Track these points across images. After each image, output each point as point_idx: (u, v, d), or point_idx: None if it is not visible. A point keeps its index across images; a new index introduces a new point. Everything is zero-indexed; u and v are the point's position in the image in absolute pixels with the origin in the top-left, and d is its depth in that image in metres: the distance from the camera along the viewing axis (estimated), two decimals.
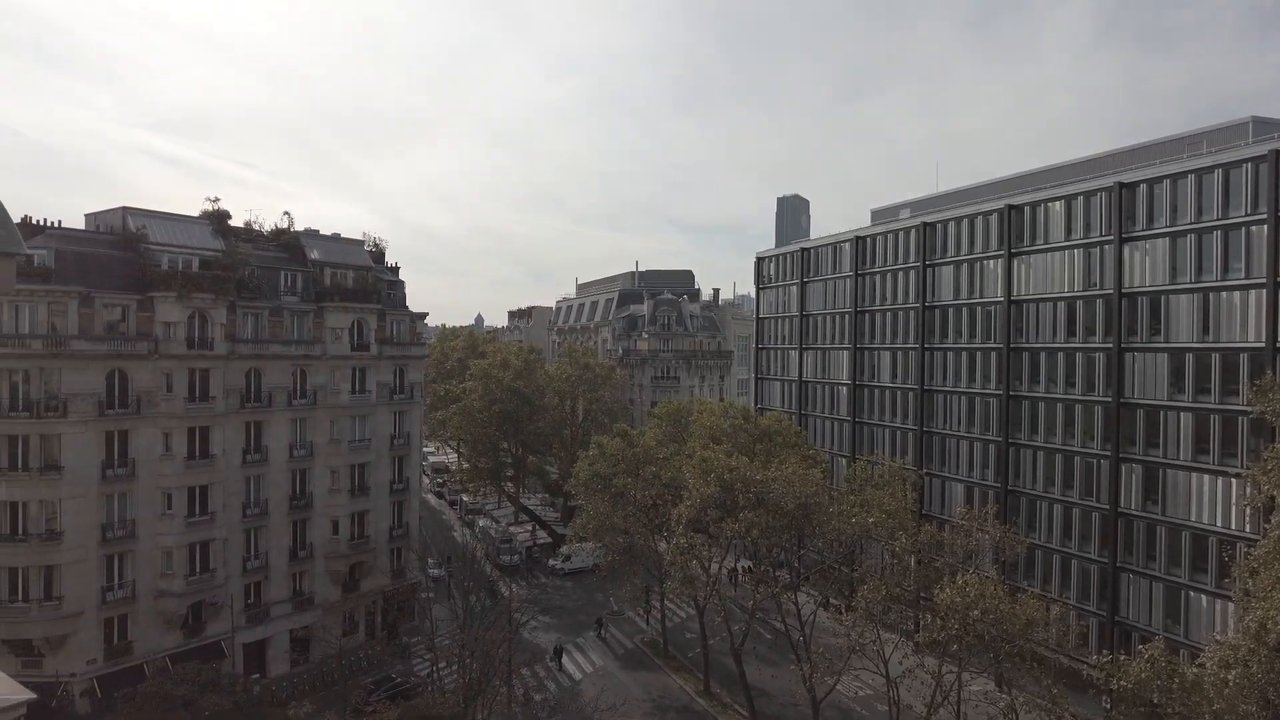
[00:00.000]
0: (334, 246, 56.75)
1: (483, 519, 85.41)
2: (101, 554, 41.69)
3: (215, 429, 45.87)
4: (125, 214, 47.16)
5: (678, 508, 44.04)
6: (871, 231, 68.21)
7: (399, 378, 56.65)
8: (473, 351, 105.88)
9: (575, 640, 56.28)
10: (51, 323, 40.39)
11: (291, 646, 50.09)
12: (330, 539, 52.16)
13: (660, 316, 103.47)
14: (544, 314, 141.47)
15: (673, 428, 66.32)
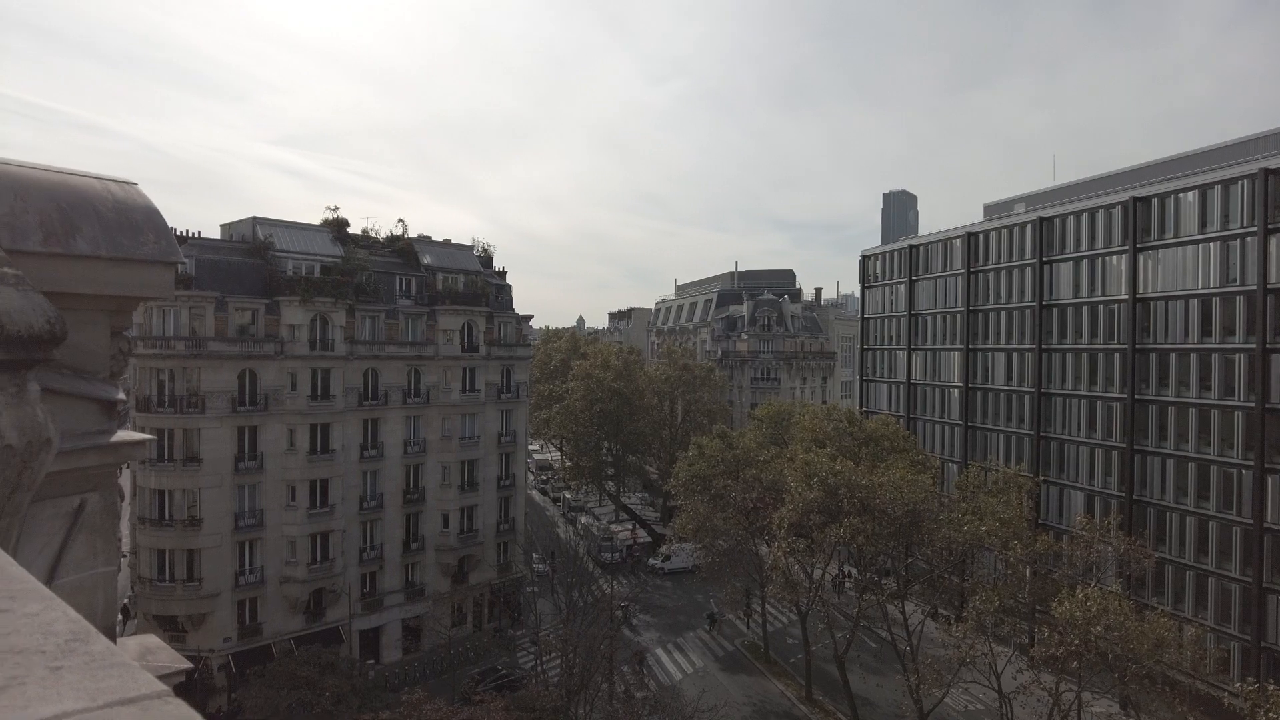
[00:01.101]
0: (445, 252, 58.99)
1: (584, 516, 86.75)
2: (234, 541, 44.77)
3: (335, 425, 48.47)
4: (255, 224, 50.47)
5: (779, 511, 43.53)
6: (984, 227, 65.42)
7: (506, 377, 58.34)
8: (575, 352, 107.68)
9: (675, 640, 56.44)
10: (191, 326, 43.67)
11: (403, 635, 52.36)
12: (441, 532, 54.23)
13: (760, 317, 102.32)
14: (643, 315, 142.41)
15: (773, 430, 65.53)
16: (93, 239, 4.54)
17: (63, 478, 4.12)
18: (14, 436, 3.56)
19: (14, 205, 4.40)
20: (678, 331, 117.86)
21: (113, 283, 4.57)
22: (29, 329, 3.61)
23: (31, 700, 0.96)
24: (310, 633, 46.80)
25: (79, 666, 1.07)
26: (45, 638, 1.18)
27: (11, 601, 1.35)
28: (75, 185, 4.80)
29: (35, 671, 1.05)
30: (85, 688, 1.00)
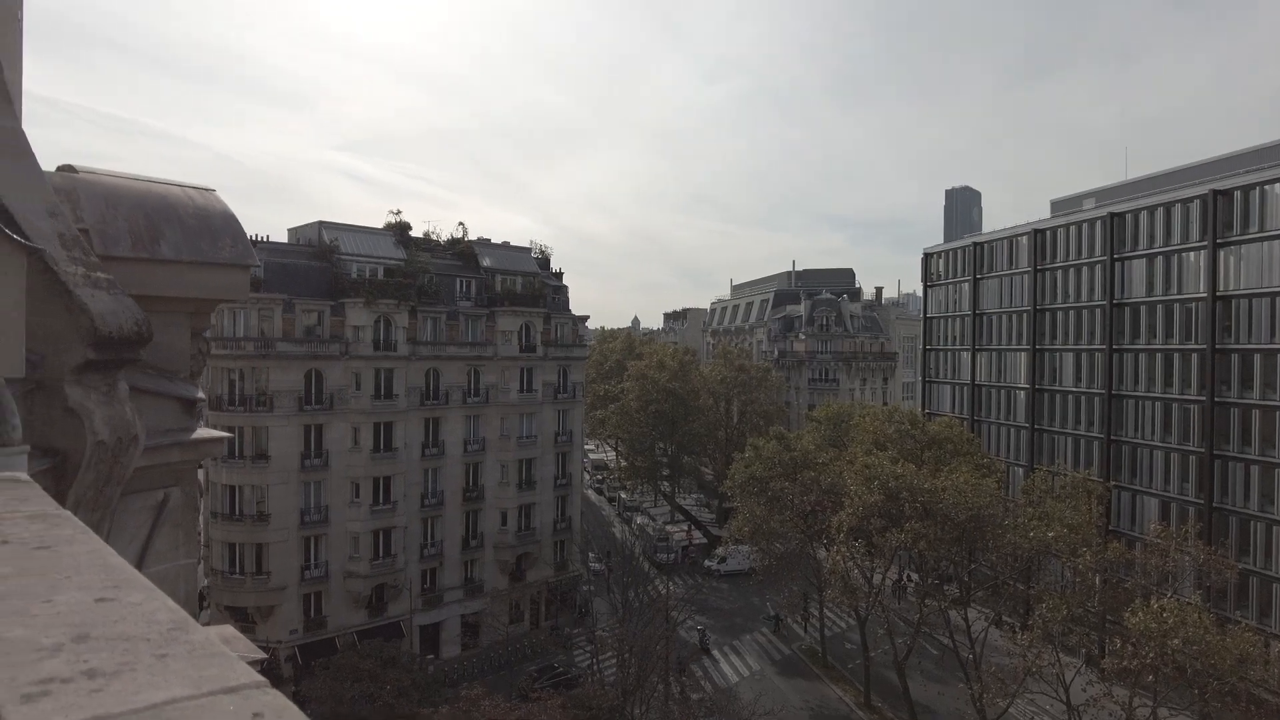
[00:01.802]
0: (504, 254, 59.82)
1: (640, 516, 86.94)
2: (300, 536, 46.13)
3: (398, 424, 49.56)
4: (321, 228, 51.95)
5: (838, 515, 42.92)
6: (1051, 223, 63.45)
7: (562, 377, 58.85)
8: (630, 353, 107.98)
9: (731, 642, 56.14)
10: (260, 327, 45.16)
11: (462, 631, 53.23)
12: (499, 530, 54.97)
13: (818, 317, 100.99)
14: (698, 316, 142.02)
15: (832, 432, 64.62)
16: (175, 244, 4.73)
17: (148, 473, 4.30)
18: (106, 433, 3.73)
19: (105, 213, 4.62)
20: (733, 332, 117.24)
21: (193, 285, 4.76)
22: (119, 331, 3.78)
23: (142, 687, 1.00)
24: (372, 627, 47.91)
25: (182, 655, 1.11)
26: (149, 626, 1.22)
27: (116, 590, 1.41)
28: (159, 193, 5.01)
29: (143, 659, 1.09)
30: (189, 675, 1.04)
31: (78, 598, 1.36)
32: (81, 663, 1.08)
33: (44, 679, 1.01)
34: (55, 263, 3.49)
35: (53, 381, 3.51)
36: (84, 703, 0.95)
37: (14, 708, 0.93)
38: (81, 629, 1.21)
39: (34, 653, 1.11)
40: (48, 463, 3.43)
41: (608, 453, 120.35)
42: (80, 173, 4.87)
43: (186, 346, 4.82)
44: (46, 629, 1.20)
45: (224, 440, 4.86)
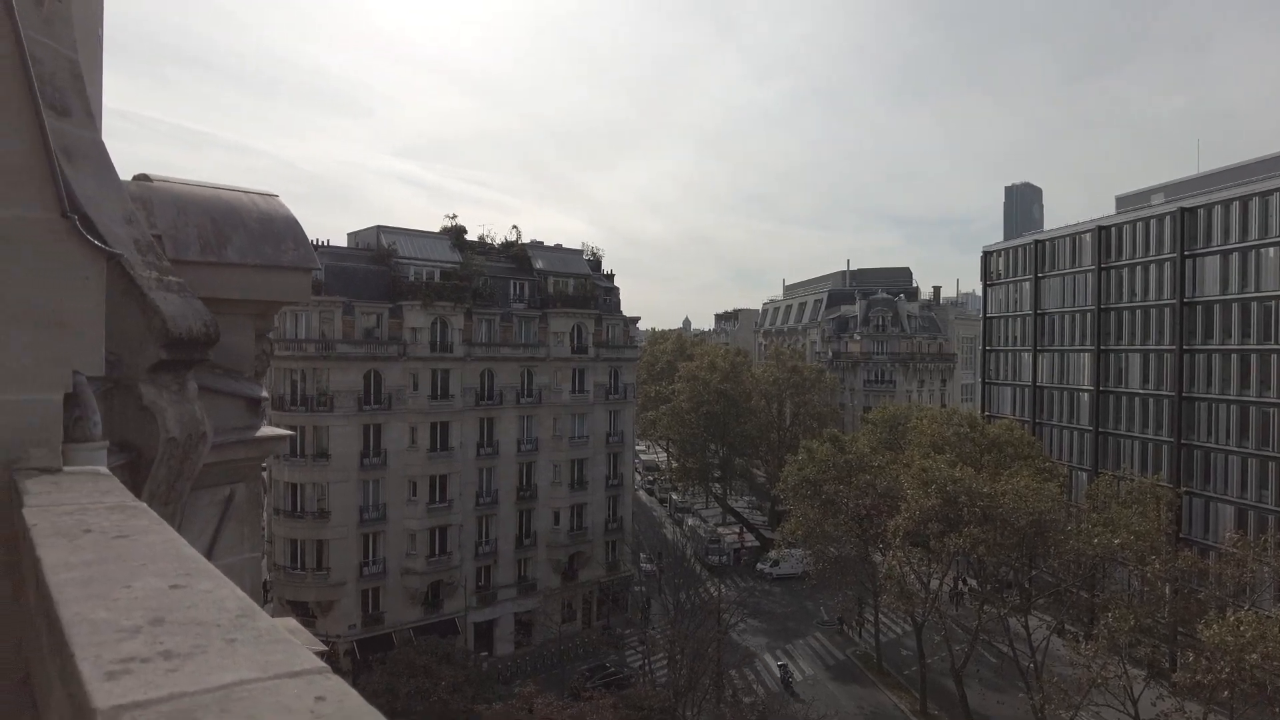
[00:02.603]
0: (556, 256, 60.41)
1: (691, 518, 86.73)
2: (359, 533, 47.24)
3: (454, 424, 50.42)
4: (379, 232, 53.18)
5: (894, 519, 42.21)
6: (1117, 220, 61.39)
7: (614, 378, 59.14)
8: (681, 354, 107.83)
9: (784, 646, 55.64)
10: (321, 329, 46.41)
11: (516, 629, 53.85)
12: (552, 529, 55.48)
13: (874, 317, 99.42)
14: (750, 316, 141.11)
15: (888, 434, 63.56)
16: (241, 248, 4.90)
17: (215, 469, 4.46)
18: (177, 430, 3.88)
19: (176, 219, 4.81)
20: (786, 333, 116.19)
21: (257, 288, 4.93)
22: (189, 332, 3.94)
23: (214, 668, 1.05)
24: (428, 623, 48.78)
25: (250, 640, 1.16)
26: (219, 613, 1.28)
27: (188, 579, 1.48)
28: (226, 199, 5.20)
29: (214, 642, 1.15)
30: (257, 659, 1.09)
31: (154, 584, 1.44)
32: (158, 644, 1.14)
33: (125, 658, 1.08)
34: (131, 267, 3.65)
35: (128, 381, 3.66)
36: (161, 681, 1.01)
37: (99, 684, 0.99)
38: (158, 613, 1.27)
39: (116, 633, 1.17)
40: (124, 458, 3.58)
41: (659, 454, 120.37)
42: (154, 181, 5.08)
43: (251, 347, 4.99)
44: (127, 612, 1.27)
45: (286, 438, 5.02)
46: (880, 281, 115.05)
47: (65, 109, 3.76)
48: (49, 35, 3.67)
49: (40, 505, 2.12)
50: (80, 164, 3.74)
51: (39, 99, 2.74)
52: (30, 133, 2.69)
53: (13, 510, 2.52)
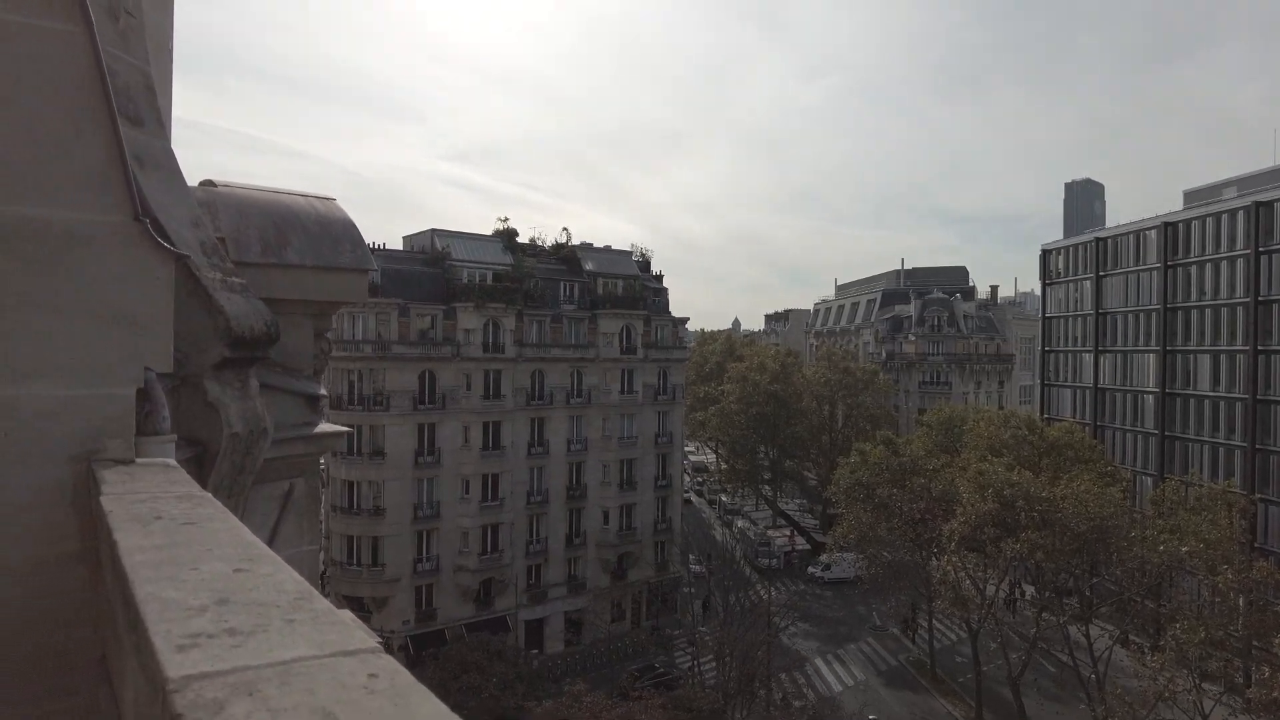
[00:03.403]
0: (605, 258, 60.76)
1: (740, 520, 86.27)
2: (413, 530, 48.19)
3: (505, 423, 51.11)
4: (433, 235, 54.21)
5: (949, 523, 41.40)
6: (1185, 215, 59.20)
7: (662, 379, 59.24)
8: (730, 355, 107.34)
9: (835, 651, 54.99)
10: (378, 330, 47.46)
11: (565, 627, 54.28)
12: (601, 528, 55.80)
13: (929, 317, 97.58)
14: (801, 316, 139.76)
15: (944, 437, 62.33)
16: (300, 250, 5.07)
17: (275, 464, 4.62)
18: (240, 426, 4.04)
19: (238, 223, 5.00)
20: (838, 333, 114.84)
21: (316, 289, 5.09)
22: (251, 331, 4.09)
23: (274, 645, 1.11)
24: (479, 620, 49.47)
25: (307, 620, 1.23)
26: (279, 594, 1.35)
27: (250, 563, 1.55)
28: (285, 202, 5.38)
29: (274, 622, 1.21)
30: (314, 639, 1.15)
31: (219, 568, 1.52)
32: (223, 622, 1.20)
33: (193, 634, 1.15)
34: (197, 269, 3.80)
35: (194, 378, 3.82)
36: (226, 655, 1.07)
37: (170, 655, 1.06)
38: (222, 594, 1.35)
39: (184, 611, 1.25)
40: (191, 451, 3.73)
41: (707, 455, 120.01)
42: (218, 186, 5.28)
43: (310, 346, 5.15)
44: (194, 592, 1.35)
45: (344, 435, 5.17)
46: (935, 281, 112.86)
47: (139, 119, 3.93)
48: (124, 49, 3.84)
49: (115, 494, 2.24)
50: (152, 171, 3.91)
51: (116, 110, 2.88)
52: (108, 142, 2.84)
53: (91, 499, 2.67)
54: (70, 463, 2.74)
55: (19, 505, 2.66)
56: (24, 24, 2.67)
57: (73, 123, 2.78)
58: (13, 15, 2.65)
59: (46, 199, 2.73)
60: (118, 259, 2.83)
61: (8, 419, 2.66)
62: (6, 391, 2.66)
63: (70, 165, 2.78)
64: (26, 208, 2.70)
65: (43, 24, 2.71)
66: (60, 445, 2.73)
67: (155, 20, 5.16)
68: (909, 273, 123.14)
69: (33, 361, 2.70)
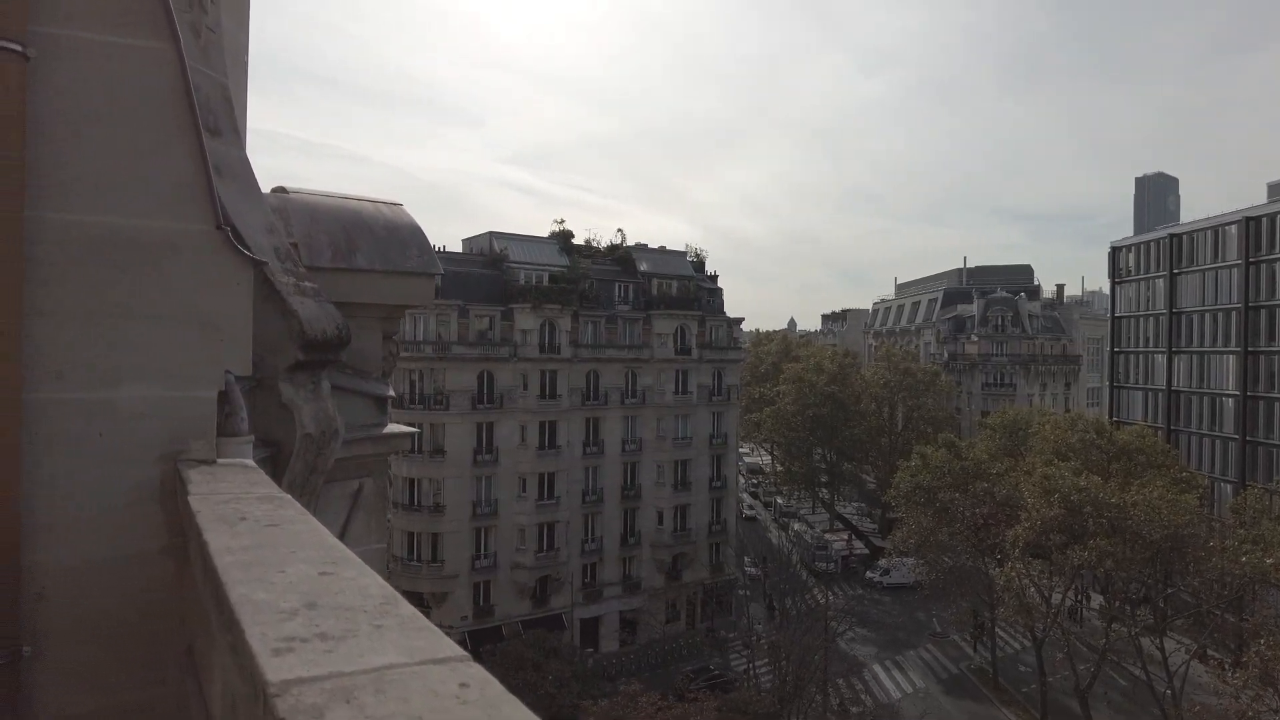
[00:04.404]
0: (659, 258, 60.80)
1: (797, 523, 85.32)
2: (472, 527, 48.96)
3: (561, 423, 51.56)
4: (491, 237, 55.04)
5: (1013, 529, 40.27)
6: (1269, 209, 56.44)
7: (717, 380, 59.00)
8: (786, 355, 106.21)
9: (894, 657, 53.99)
10: (438, 331, 48.37)
11: (620, 627, 54.44)
12: (656, 529, 55.84)
13: (992, 317, 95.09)
14: (859, 316, 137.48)
15: (1008, 440, 60.65)
16: (369, 255, 5.18)
17: (345, 464, 4.74)
18: (312, 426, 4.15)
19: (310, 228, 5.13)
20: (898, 333, 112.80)
21: (384, 292, 5.20)
22: (323, 334, 4.20)
23: (365, 651, 1.14)
24: (535, 618, 49.97)
25: (394, 626, 1.25)
26: (365, 599, 1.38)
27: (334, 566, 1.59)
28: (354, 208, 5.51)
29: (363, 627, 1.24)
30: (403, 645, 1.17)
31: (305, 570, 1.56)
32: (314, 626, 1.23)
33: (288, 637, 1.18)
34: (272, 274, 3.92)
35: (269, 380, 3.93)
36: (320, 660, 1.10)
37: (268, 659, 1.09)
38: (310, 597, 1.38)
39: (276, 614, 1.28)
40: (266, 452, 3.85)
41: (763, 457, 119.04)
42: (290, 193, 5.44)
43: (379, 348, 5.26)
44: (284, 595, 1.38)
45: (411, 435, 5.28)
46: (999, 280, 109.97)
47: (217, 130, 4.07)
48: (205, 63, 3.98)
49: (201, 494, 2.32)
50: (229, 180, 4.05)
51: (201, 124, 2.99)
52: (193, 154, 2.95)
53: (177, 498, 2.78)
54: (158, 462, 2.86)
55: (115, 502, 2.78)
56: (120, 44, 2.79)
57: (162, 136, 2.90)
58: (111, 36, 2.78)
59: (138, 210, 2.85)
60: (202, 266, 2.94)
61: (104, 420, 2.78)
62: (102, 394, 2.78)
63: (159, 177, 2.90)
64: (120, 218, 2.83)
65: (136, 43, 2.83)
66: (149, 445, 2.85)
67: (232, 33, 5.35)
68: (971, 271, 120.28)
69: (125, 365, 2.83)
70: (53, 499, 2.72)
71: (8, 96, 2.56)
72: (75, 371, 2.77)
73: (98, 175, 2.82)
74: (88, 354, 2.79)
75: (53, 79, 2.71)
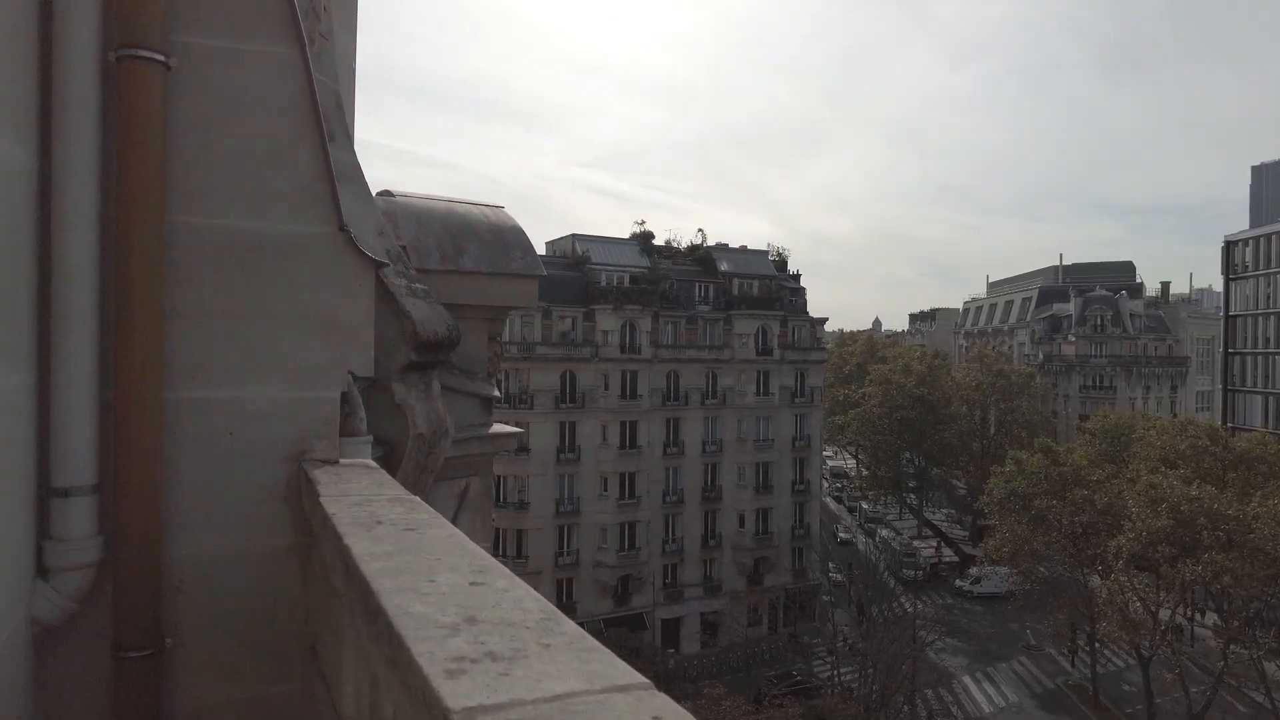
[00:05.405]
0: (740, 258, 60.30)
1: (883, 529, 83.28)
2: (555, 525, 49.63)
3: (641, 423, 51.74)
4: (574, 240, 55.73)
5: (1116, 539, 38.24)
6: None
7: (800, 381, 58.12)
8: (871, 356, 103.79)
9: (985, 669, 52.00)
10: (523, 333, 49.23)
11: (702, 628, 54.20)
12: (737, 531, 55.39)
13: (1091, 316, 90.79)
14: (948, 316, 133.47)
15: (1109, 446, 57.69)
16: (475, 257, 5.22)
17: (453, 463, 4.77)
18: (424, 426, 4.18)
19: (417, 231, 5.20)
20: (989, 333, 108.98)
21: (490, 294, 5.24)
22: (435, 335, 4.22)
23: (541, 675, 1.06)
24: (617, 616, 50.23)
25: (563, 646, 1.17)
26: (523, 614, 1.31)
27: (483, 575, 1.53)
28: (459, 212, 5.57)
29: (530, 646, 1.16)
30: (577, 668, 1.09)
31: (454, 580, 1.50)
32: (480, 644, 1.17)
33: (456, 656, 1.11)
34: (386, 276, 3.96)
35: (383, 381, 3.98)
36: (496, 684, 1.03)
37: (442, 681, 1.03)
38: (467, 610, 1.32)
39: (438, 630, 1.22)
40: (380, 451, 3.89)
41: (847, 460, 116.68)
42: (396, 197, 5.54)
43: (484, 349, 5.30)
44: (441, 607, 1.33)
45: (516, 435, 5.30)
46: (1097, 277, 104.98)
47: (331, 135, 4.14)
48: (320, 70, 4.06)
49: (332, 495, 2.33)
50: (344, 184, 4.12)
51: (324, 129, 3.03)
52: (317, 157, 2.99)
53: (304, 497, 2.81)
54: (284, 462, 2.91)
55: (244, 500, 2.84)
56: (251, 50, 2.85)
57: (289, 139, 2.95)
58: (242, 43, 2.83)
59: (267, 213, 2.91)
60: (327, 268, 2.98)
61: (233, 419, 2.84)
62: (232, 393, 2.84)
63: (287, 180, 2.95)
64: (249, 221, 2.89)
65: (265, 48, 2.88)
66: (276, 445, 2.90)
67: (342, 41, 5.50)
68: (1068, 269, 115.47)
69: (253, 365, 2.89)
70: (187, 496, 2.79)
71: (151, 105, 2.64)
72: (207, 371, 2.84)
73: (229, 179, 2.89)
74: (219, 354, 2.86)
75: (188, 86, 2.79)
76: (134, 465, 2.62)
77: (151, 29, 2.60)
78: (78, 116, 2.53)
